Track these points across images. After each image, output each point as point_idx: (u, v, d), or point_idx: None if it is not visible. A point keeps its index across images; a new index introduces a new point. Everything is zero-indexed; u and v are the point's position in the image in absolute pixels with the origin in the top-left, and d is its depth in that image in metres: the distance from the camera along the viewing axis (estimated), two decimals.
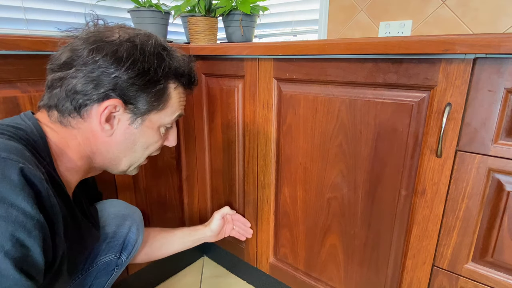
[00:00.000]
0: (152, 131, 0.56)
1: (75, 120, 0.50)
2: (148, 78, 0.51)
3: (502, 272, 0.58)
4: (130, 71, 0.49)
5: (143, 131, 0.55)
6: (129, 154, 0.56)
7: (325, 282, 0.87)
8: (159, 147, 0.60)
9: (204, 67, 0.99)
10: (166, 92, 0.55)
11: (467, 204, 0.59)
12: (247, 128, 0.92)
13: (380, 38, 0.60)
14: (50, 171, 0.46)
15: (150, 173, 0.99)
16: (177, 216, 1.12)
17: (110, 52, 0.48)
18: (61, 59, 0.48)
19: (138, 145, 0.56)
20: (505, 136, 0.53)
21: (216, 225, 0.95)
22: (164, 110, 0.56)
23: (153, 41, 0.52)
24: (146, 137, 0.56)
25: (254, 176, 0.95)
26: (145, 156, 0.59)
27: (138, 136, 0.55)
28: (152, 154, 0.61)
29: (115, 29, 0.52)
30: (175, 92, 0.57)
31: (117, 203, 0.78)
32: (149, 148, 0.58)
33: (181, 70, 0.57)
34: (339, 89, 0.71)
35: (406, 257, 0.69)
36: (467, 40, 0.51)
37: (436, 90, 0.58)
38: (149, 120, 0.55)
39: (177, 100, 0.58)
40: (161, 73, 0.52)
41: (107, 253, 0.71)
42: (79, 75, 0.47)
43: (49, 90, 0.49)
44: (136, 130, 0.54)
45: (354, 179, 0.73)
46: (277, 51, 0.75)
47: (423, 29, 1.08)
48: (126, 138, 0.54)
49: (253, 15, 1.23)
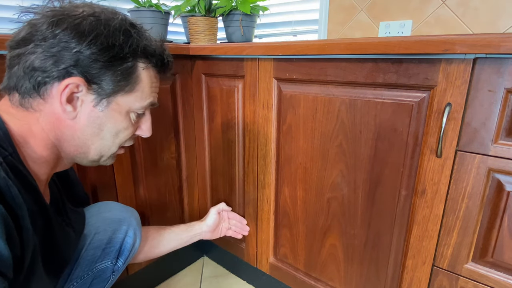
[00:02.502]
0: (120, 116, 0.51)
1: (35, 101, 0.46)
2: (112, 54, 0.47)
3: (502, 272, 0.58)
4: (93, 46, 0.45)
5: (110, 115, 0.50)
6: (96, 141, 0.51)
7: (325, 282, 0.87)
8: (130, 135, 0.55)
9: (204, 67, 0.99)
10: (134, 72, 0.50)
11: (467, 204, 0.59)
12: (247, 128, 0.92)
13: (380, 38, 0.60)
14: (13, 162, 0.42)
15: (150, 173, 0.99)
16: (177, 216, 1.12)
17: (71, 26, 0.44)
18: (20, 34, 0.45)
19: (106, 131, 0.51)
20: (505, 136, 0.53)
21: (211, 220, 0.95)
22: (132, 93, 0.51)
23: (119, 17, 0.49)
24: (113, 122, 0.51)
25: (254, 176, 0.95)
26: (116, 144, 0.54)
27: (105, 120, 0.50)
28: (125, 144, 0.56)
29: (80, 5, 0.48)
30: (146, 74, 0.52)
31: (112, 206, 0.76)
32: (119, 136, 0.53)
33: (151, 49, 0.52)
34: (339, 89, 0.71)
35: (406, 257, 0.69)
36: (467, 40, 0.51)
37: (436, 90, 0.58)
38: (116, 103, 0.50)
39: (148, 84, 0.53)
40: (128, 49, 0.48)
41: (103, 259, 0.69)
42: (38, 51, 0.44)
43: (8, 70, 0.46)
44: (101, 113, 0.49)
45: (354, 179, 0.73)
46: (277, 51, 0.75)
47: (423, 29, 1.08)
48: (91, 121, 0.49)
49: (253, 15, 1.23)
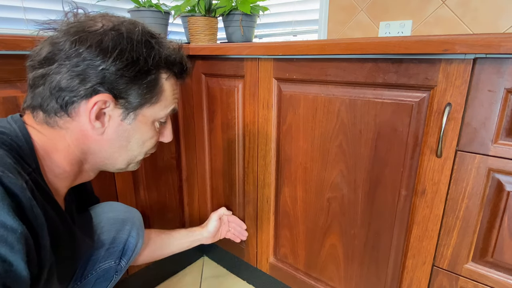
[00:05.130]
0: (146, 127, 0.53)
1: (62, 120, 0.46)
2: (138, 68, 0.47)
3: (502, 272, 0.58)
4: (118, 62, 0.45)
5: (137, 127, 0.51)
6: (124, 152, 0.53)
7: (325, 282, 0.87)
8: (155, 143, 0.57)
9: (204, 67, 0.99)
10: (158, 84, 0.51)
11: (467, 204, 0.59)
12: (247, 128, 0.92)
13: (380, 38, 0.60)
14: (37, 178, 0.43)
15: (150, 173, 0.99)
16: (177, 216, 1.12)
17: (94, 42, 0.44)
18: (42, 54, 0.45)
19: (133, 142, 0.53)
20: (505, 136, 0.53)
21: (212, 226, 0.96)
22: (158, 103, 0.52)
23: (140, 28, 0.49)
24: (140, 133, 0.53)
25: (254, 176, 0.95)
26: (142, 153, 0.56)
27: (132, 133, 0.51)
28: (148, 152, 0.57)
29: (97, 18, 0.48)
30: (168, 84, 0.53)
31: (116, 206, 0.76)
32: (145, 145, 0.55)
33: (172, 58, 0.53)
34: (339, 89, 0.71)
35: (406, 257, 0.69)
36: (467, 40, 0.51)
37: (436, 90, 0.58)
38: (142, 115, 0.51)
39: (170, 93, 0.54)
40: (152, 62, 0.49)
41: (107, 259, 0.69)
42: (63, 70, 0.43)
43: (32, 89, 0.46)
44: (129, 126, 0.50)
45: (354, 179, 0.73)
46: (277, 51, 0.75)
47: (423, 29, 1.08)
48: (119, 135, 0.50)
49: (253, 15, 1.23)
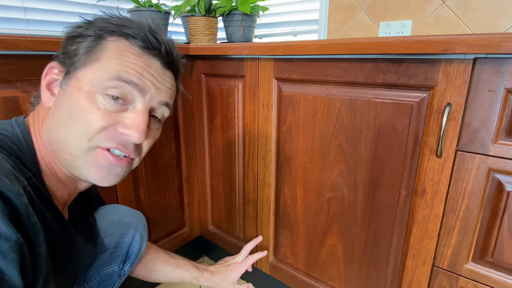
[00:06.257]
0: (79, 94, 0.42)
1: (36, 101, 0.47)
2: (86, 31, 0.44)
3: (502, 272, 0.58)
4: (74, 33, 0.44)
5: (69, 93, 0.42)
6: (64, 130, 0.42)
7: (325, 282, 0.87)
8: (98, 123, 0.42)
9: (204, 67, 0.99)
10: (98, 45, 0.43)
11: (467, 204, 0.59)
12: (247, 128, 0.92)
13: (380, 38, 0.60)
14: (36, 183, 0.41)
15: (150, 173, 0.99)
16: (177, 216, 1.12)
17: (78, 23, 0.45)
18: None
19: (66, 115, 0.42)
20: (505, 136, 0.53)
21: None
22: (91, 64, 0.42)
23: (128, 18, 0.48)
24: (72, 102, 0.42)
25: (254, 176, 0.95)
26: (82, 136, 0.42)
27: (65, 101, 0.42)
28: (101, 143, 0.43)
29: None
30: (113, 45, 0.43)
31: (120, 210, 0.75)
32: (80, 121, 0.41)
33: (131, 27, 0.45)
34: (339, 89, 0.71)
35: (406, 257, 0.69)
36: (467, 40, 0.51)
37: (436, 90, 0.58)
38: (75, 79, 0.42)
39: (114, 55, 0.43)
40: (103, 27, 0.44)
41: (110, 264, 0.69)
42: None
43: None
44: (63, 92, 0.43)
45: (354, 179, 0.73)
46: (277, 51, 0.75)
47: (423, 29, 1.08)
48: (57, 104, 0.43)
49: (253, 15, 1.23)
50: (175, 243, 1.12)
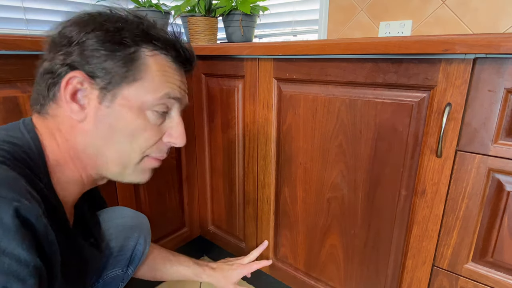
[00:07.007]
0: (131, 114, 0.44)
1: (51, 107, 0.44)
2: (114, 40, 0.43)
3: (502, 272, 0.58)
4: (93, 36, 0.42)
5: (118, 112, 0.44)
6: (111, 146, 0.45)
7: (325, 282, 0.87)
8: (152, 140, 0.47)
9: (204, 67, 0.99)
10: (138, 59, 0.44)
11: (467, 204, 0.59)
12: (247, 128, 0.92)
13: (380, 38, 0.60)
14: (46, 194, 0.41)
15: None
16: (177, 216, 1.12)
17: (74, 20, 0.44)
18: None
19: (118, 133, 0.45)
20: (505, 136, 0.53)
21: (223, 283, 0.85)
22: (138, 82, 0.44)
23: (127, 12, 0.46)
24: (125, 122, 0.44)
25: (254, 176, 0.95)
26: (136, 150, 0.46)
27: (114, 120, 0.44)
28: (151, 153, 0.48)
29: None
30: (153, 61, 0.45)
31: (124, 212, 0.74)
32: (137, 139, 0.46)
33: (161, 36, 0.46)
34: (339, 89, 0.71)
35: (406, 257, 0.69)
36: (467, 40, 0.51)
37: (436, 90, 0.58)
38: (122, 97, 0.43)
39: (158, 72, 0.45)
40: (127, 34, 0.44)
41: (114, 267, 0.68)
42: (50, 55, 0.44)
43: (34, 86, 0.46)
44: (108, 110, 0.43)
45: (354, 179, 0.73)
46: (277, 51, 0.75)
47: (423, 29, 1.08)
48: (100, 121, 0.43)
49: (253, 15, 1.23)
50: (175, 243, 1.12)
